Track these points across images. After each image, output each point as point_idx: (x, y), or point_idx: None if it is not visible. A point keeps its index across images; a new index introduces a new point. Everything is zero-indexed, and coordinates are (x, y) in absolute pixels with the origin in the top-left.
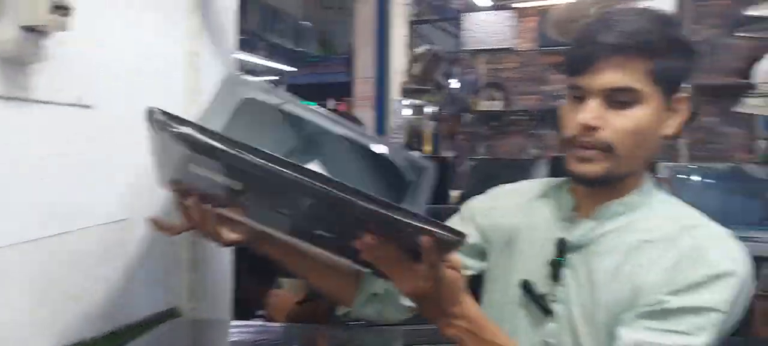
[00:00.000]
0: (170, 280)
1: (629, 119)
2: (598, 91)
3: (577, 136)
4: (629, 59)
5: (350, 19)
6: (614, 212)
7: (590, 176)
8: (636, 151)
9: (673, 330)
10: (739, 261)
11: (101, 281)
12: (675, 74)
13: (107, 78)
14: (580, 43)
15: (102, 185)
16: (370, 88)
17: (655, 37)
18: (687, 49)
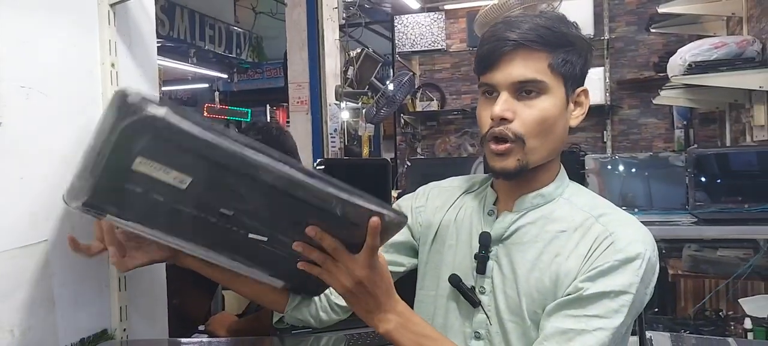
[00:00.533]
0: (98, 301)
1: (536, 109)
2: (506, 85)
3: (492, 129)
4: (531, 54)
5: (283, 24)
6: (532, 203)
7: (508, 170)
8: (545, 140)
9: (592, 315)
10: (646, 243)
11: (22, 309)
12: (572, 67)
13: (17, 93)
14: (487, 43)
15: (16, 205)
16: (305, 93)
17: (553, 33)
18: (581, 47)
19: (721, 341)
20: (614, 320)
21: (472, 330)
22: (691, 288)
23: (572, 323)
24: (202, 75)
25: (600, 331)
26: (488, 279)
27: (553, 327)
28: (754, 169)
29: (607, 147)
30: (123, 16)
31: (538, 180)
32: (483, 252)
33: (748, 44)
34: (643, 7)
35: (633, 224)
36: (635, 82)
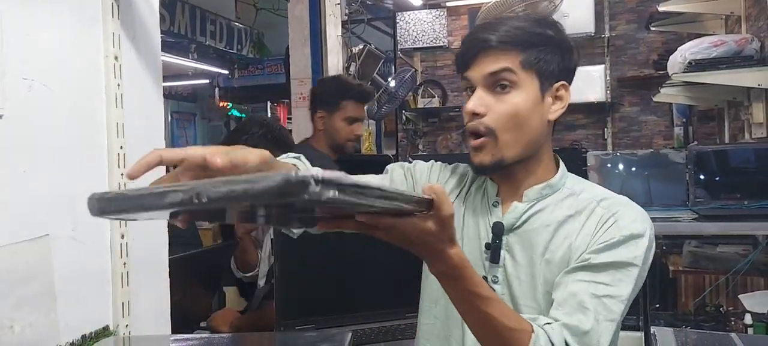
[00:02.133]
0: (100, 296)
1: (507, 104)
2: (480, 79)
3: (468, 123)
4: (504, 51)
5: (284, 20)
6: (541, 194)
7: (484, 164)
8: (517, 134)
9: (600, 282)
10: (646, 224)
11: (23, 304)
12: (547, 63)
13: (19, 85)
14: (465, 44)
15: (18, 199)
16: (307, 89)
17: (526, 33)
18: (558, 45)
19: (723, 336)
20: (621, 289)
21: None
22: (692, 284)
23: (583, 287)
24: (202, 71)
25: (608, 298)
26: (501, 268)
27: (564, 292)
28: (753, 166)
29: (607, 144)
30: (126, 9)
31: (536, 174)
32: (496, 242)
33: (746, 43)
34: (643, 6)
35: (633, 206)
36: (635, 79)
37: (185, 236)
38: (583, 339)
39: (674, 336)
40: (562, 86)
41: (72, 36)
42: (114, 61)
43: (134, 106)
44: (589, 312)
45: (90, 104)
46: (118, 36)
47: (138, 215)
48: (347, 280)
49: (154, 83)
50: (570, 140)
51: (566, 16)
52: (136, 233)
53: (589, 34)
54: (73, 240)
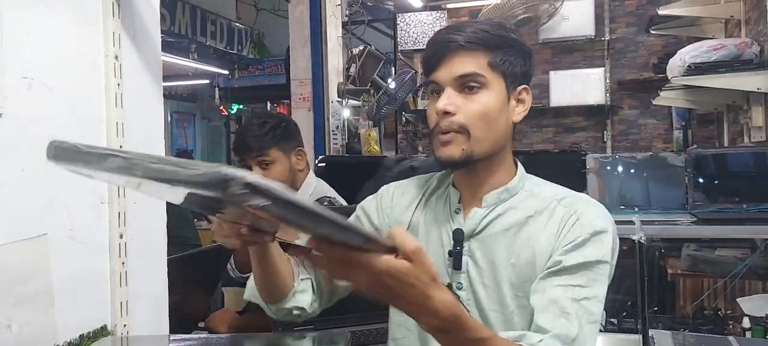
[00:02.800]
0: (98, 296)
1: (478, 103)
2: (449, 80)
3: (438, 123)
4: (472, 52)
5: (285, 21)
6: (499, 198)
7: (453, 158)
8: (488, 132)
9: (576, 284)
10: (607, 220)
11: (21, 303)
12: (512, 66)
13: (19, 84)
14: (433, 45)
15: (17, 198)
16: (307, 90)
17: (492, 35)
18: (520, 49)
19: (721, 340)
20: (596, 289)
21: None
22: (690, 287)
23: (561, 292)
24: (202, 71)
25: (586, 301)
26: (464, 274)
27: (544, 299)
28: (751, 169)
29: (607, 147)
30: (127, 8)
31: (496, 176)
32: (458, 248)
33: (746, 46)
34: (643, 9)
35: (593, 203)
36: (635, 82)
37: (185, 237)
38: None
39: (672, 339)
40: (523, 89)
41: (72, 35)
42: (114, 61)
43: (134, 105)
44: (572, 317)
45: (90, 104)
46: (119, 35)
47: (89, 171)
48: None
49: (154, 83)
50: (569, 142)
51: (566, 18)
52: (135, 233)
53: (589, 36)
54: (71, 240)
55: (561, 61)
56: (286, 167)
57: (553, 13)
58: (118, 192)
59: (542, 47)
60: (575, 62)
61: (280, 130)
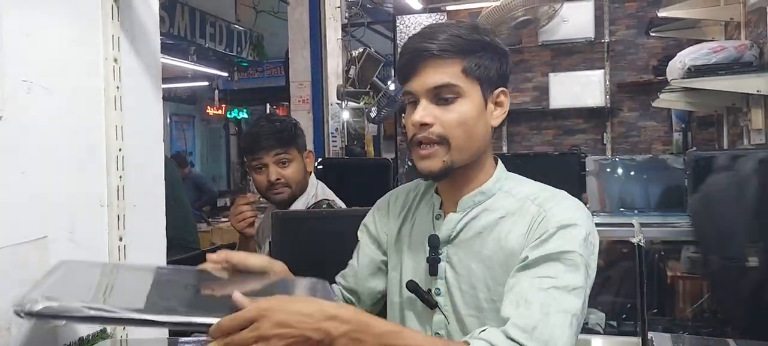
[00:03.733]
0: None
1: (456, 113)
2: (424, 92)
3: (416, 135)
4: (446, 61)
5: (284, 23)
6: (474, 201)
7: (433, 170)
8: (468, 141)
9: (543, 275)
10: (579, 214)
11: None
12: (488, 70)
13: (19, 86)
14: (406, 55)
15: (16, 201)
16: (306, 92)
17: (465, 40)
18: (495, 51)
19: (720, 342)
20: (567, 279)
21: (432, 332)
22: (690, 290)
23: (526, 284)
24: (202, 73)
25: (555, 289)
26: (442, 280)
27: (510, 295)
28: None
29: (606, 149)
30: (126, 11)
31: (475, 179)
32: (434, 255)
33: (746, 49)
34: (642, 11)
35: (567, 200)
36: (635, 85)
37: (187, 239)
38: (534, 334)
39: (672, 342)
40: (501, 92)
41: (72, 38)
42: (113, 64)
43: (133, 108)
44: (534, 305)
45: (89, 106)
46: (118, 38)
47: None
48: None
49: (153, 86)
50: (569, 145)
51: (566, 21)
52: (134, 236)
53: (589, 39)
54: (71, 242)
55: (561, 64)
56: (301, 167)
57: (552, 16)
58: (117, 195)
59: (542, 49)
60: (575, 64)
61: (296, 130)
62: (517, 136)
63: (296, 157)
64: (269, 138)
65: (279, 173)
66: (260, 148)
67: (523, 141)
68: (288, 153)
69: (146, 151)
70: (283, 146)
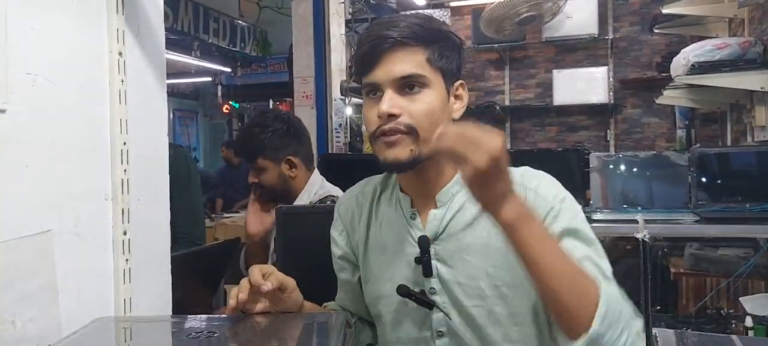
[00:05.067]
0: (102, 292)
1: (422, 102)
2: (390, 82)
3: (380, 126)
4: (409, 49)
5: (288, 18)
6: (452, 192)
7: (400, 159)
8: (434, 131)
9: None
10: (560, 185)
11: (25, 299)
12: (449, 61)
13: (23, 79)
14: (366, 44)
15: (20, 194)
16: (310, 88)
17: (427, 29)
18: (453, 42)
19: (724, 338)
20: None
21: (433, 331)
22: (693, 286)
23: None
24: (205, 68)
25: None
26: (435, 279)
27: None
28: (754, 169)
29: (610, 146)
30: (131, 5)
31: (446, 172)
32: (426, 256)
33: (750, 46)
34: (646, 8)
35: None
36: (638, 81)
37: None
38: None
39: (675, 338)
40: (460, 85)
41: (76, 31)
42: (118, 58)
43: (138, 102)
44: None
45: (93, 100)
46: (123, 32)
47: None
48: None
49: (157, 80)
50: (572, 141)
51: (570, 17)
52: (139, 230)
53: (593, 35)
54: (75, 236)
55: (564, 60)
56: (275, 174)
57: (556, 12)
58: (122, 189)
59: (545, 46)
60: (579, 61)
61: (270, 138)
62: (521, 132)
63: (268, 166)
64: (239, 149)
65: (255, 177)
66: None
67: (526, 137)
68: (256, 163)
69: (151, 145)
70: (249, 157)
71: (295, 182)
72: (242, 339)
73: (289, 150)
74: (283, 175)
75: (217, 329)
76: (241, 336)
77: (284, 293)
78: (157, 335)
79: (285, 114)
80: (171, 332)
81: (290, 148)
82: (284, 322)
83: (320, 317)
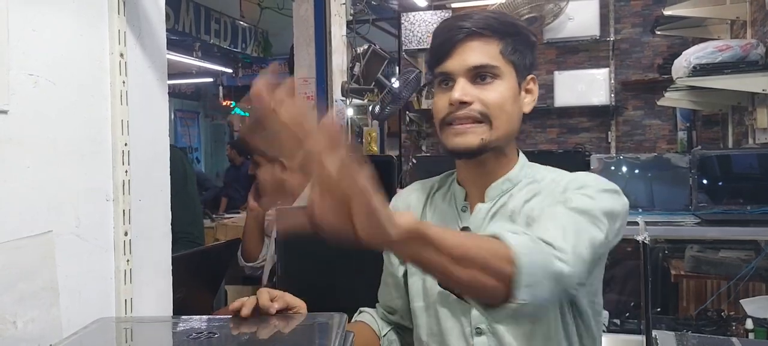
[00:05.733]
0: (103, 293)
1: (495, 92)
2: (464, 71)
3: (451, 113)
4: (483, 41)
5: (289, 19)
6: (502, 189)
7: (470, 147)
8: (506, 121)
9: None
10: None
11: (26, 300)
12: (522, 56)
13: (25, 80)
14: (441, 35)
15: (22, 195)
16: (311, 89)
17: (501, 22)
18: (527, 36)
19: (724, 341)
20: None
21: (472, 328)
22: (693, 289)
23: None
24: (206, 69)
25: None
26: None
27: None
28: (756, 171)
29: (611, 147)
30: (132, 6)
31: (505, 166)
32: None
33: (752, 48)
34: (648, 10)
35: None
36: (640, 83)
37: (193, 234)
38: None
39: (676, 340)
40: (531, 79)
41: (78, 32)
42: (119, 58)
43: (139, 103)
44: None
45: (95, 101)
46: (124, 33)
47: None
48: (349, 279)
49: (159, 81)
50: (573, 143)
51: (571, 19)
52: (140, 231)
53: (594, 37)
54: (76, 237)
55: (566, 62)
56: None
57: (558, 13)
58: (123, 189)
59: (547, 47)
60: (580, 62)
61: None
62: (522, 134)
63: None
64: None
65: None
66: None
67: (527, 139)
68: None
69: (152, 145)
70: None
71: None
72: (242, 339)
73: None
74: None
75: (218, 330)
76: (242, 336)
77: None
78: (158, 335)
79: None
80: (172, 333)
81: None
82: (284, 322)
83: (320, 317)
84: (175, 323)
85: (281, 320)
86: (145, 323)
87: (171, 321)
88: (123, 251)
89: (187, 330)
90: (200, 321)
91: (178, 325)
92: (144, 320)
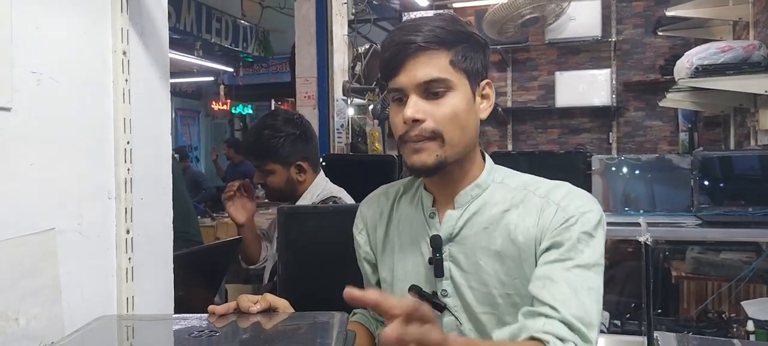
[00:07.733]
0: (105, 291)
1: (447, 106)
2: (414, 86)
3: (407, 132)
4: (433, 54)
5: (290, 19)
6: (471, 196)
7: (427, 165)
8: (460, 134)
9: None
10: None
11: (28, 297)
12: (473, 62)
13: (28, 78)
14: (389, 49)
15: (24, 193)
16: (312, 88)
17: (449, 32)
18: (477, 42)
19: (725, 343)
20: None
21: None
22: (694, 290)
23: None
24: (207, 68)
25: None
26: (447, 281)
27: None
28: (758, 173)
29: (612, 148)
30: (135, 4)
31: (470, 173)
32: (438, 255)
33: (754, 49)
34: (650, 11)
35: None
36: (641, 84)
37: (189, 233)
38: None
39: (677, 342)
40: (487, 84)
41: (81, 30)
42: (122, 57)
43: (141, 101)
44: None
45: (98, 99)
46: (127, 31)
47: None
48: (349, 280)
49: (161, 79)
50: (575, 143)
51: (573, 19)
52: (142, 229)
53: (596, 38)
54: (78, 234)
55: (567, 62)
56: (284, 178)
57: (560, 14)
58: (125, 187)
59: (549, 48)
60: (581, 63)
61: (282, 144)
62: (523, 134)
63: (277, 169)
64: (247, 149)
65: (261, 179)
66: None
67: (528, 139)
68: (265, 166)
69: (154, 144)
70: (258, 159)
71: (302, 186)
72: (243, 339)
73: (300, 155)
74: (292, 178)
75: (219, 329)
76: (242, 336)
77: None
78: (159, 333)
79: (296, 117)
80: (173, 331)
81: (301, 153)
82: (285, 322)
83: (322, 316)
84: (176, 321)
85: (283, 318)
86: (146, 321)
87: (172, 319)
88: (125, 249)
89: (189, 328)
90: (201, 319)
91: (180, 323)
92: (145, 318)
